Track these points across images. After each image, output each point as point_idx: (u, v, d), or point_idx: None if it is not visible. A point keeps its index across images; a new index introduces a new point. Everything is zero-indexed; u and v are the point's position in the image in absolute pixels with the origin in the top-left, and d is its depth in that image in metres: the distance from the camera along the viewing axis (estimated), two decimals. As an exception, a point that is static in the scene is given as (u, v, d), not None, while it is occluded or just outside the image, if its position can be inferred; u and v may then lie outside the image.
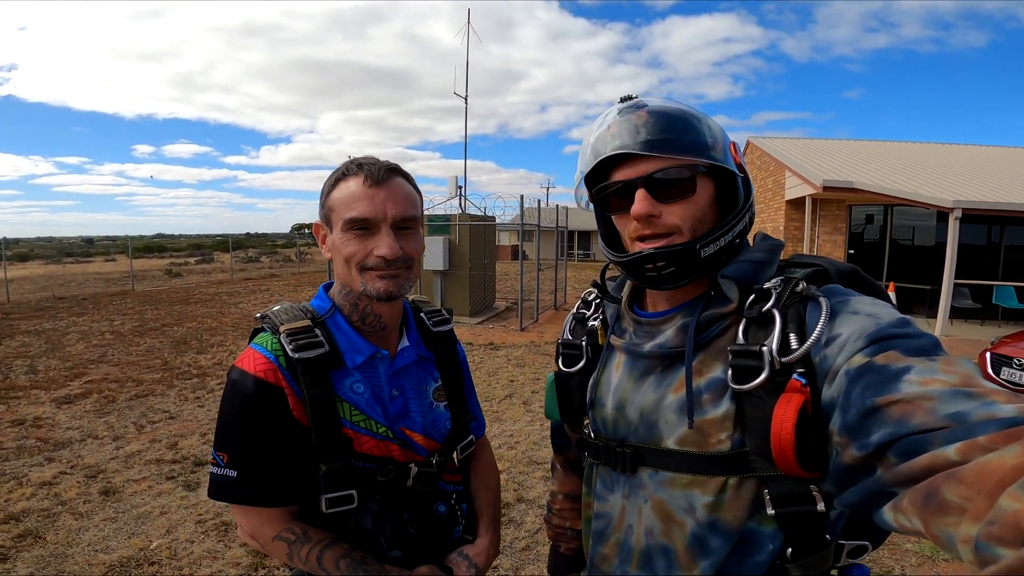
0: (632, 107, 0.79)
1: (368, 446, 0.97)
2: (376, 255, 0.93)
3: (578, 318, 1.02)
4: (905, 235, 13.05)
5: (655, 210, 0.77)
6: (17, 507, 3.43)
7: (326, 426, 0.93)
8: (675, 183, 0.77)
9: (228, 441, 0.92)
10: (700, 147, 0.76)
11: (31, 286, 17.65)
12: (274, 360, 0.93)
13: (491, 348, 8.39)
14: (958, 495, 0.44)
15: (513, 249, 31.19)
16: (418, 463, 1.01)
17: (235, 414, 0.92)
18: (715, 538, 0.74)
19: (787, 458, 0.65)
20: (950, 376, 0.55)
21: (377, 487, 0.96)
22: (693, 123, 0.77)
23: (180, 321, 10.82)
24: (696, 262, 0.77)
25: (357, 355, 0.98)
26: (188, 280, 20.41)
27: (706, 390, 0.76)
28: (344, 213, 0.94)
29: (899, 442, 0.53)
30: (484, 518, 1.14)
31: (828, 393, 0.65)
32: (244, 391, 0.92)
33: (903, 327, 0.64)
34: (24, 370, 6.94)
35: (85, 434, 4.75)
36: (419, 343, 1.10)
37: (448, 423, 1.09)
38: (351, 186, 0.95)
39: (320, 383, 0.93)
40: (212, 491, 0.94)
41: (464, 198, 12.15)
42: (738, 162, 0.80)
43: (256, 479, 0.91)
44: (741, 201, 0.81)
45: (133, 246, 21.24)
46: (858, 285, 0.80)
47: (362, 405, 0.97)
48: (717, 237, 0.77)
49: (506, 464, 4.13)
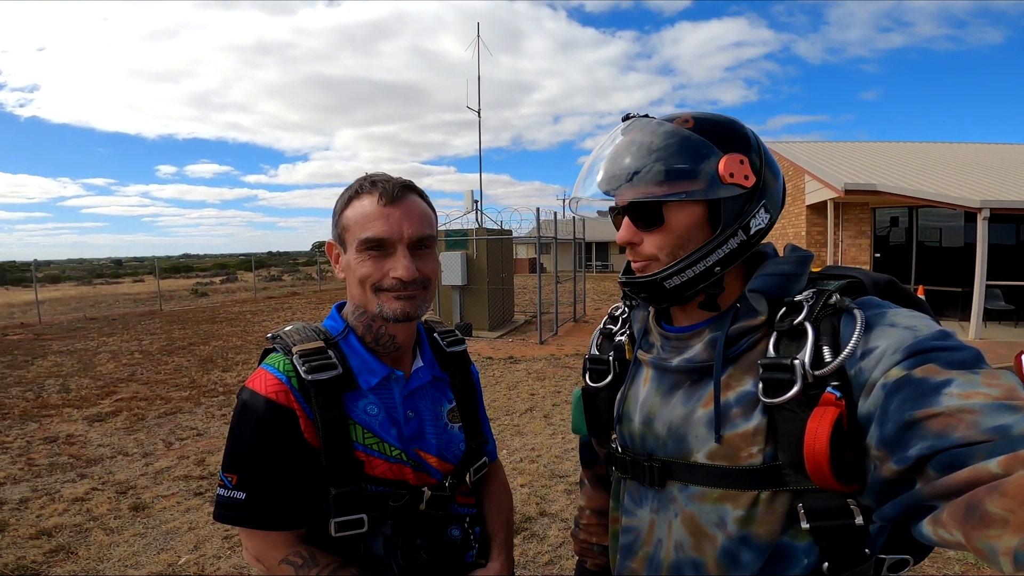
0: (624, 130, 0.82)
1: (381, 469, 0.94)
2: (392, 277, 0.91)
3: (605, 333, 1.02)
4: (932, 237, 12.75)
5: (635, 238, 0.80)
6: (50, 522, 3.51)
7: (337, 449, 0.91)
8: (645, 215, 0.78)
9: (237, 462, 0.90)
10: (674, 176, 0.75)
11: (63, 307, 18.19)
12: (286, 381, 0.91)
13: (511, 362, 8.38)
14: (1001, 507, 0.44)
15: (531, 262, 31.22)
16: (431, 486, 0.99)
17: (245, 435, 0.90)
18: (747, 552, 0.73)
19: (822, 471, 0.64)
20: (993, 389, 0.54)
21: (389, 512, 0.94)
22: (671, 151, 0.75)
23: (206, 340, 11.03)
24: (664, 293, 0.79)
25: (371, 376, 0.96)
26: (213, 299, 20.83)
27: (736, 404, 0.75)
28: (358, 233, 0.92)
29: (939, 455, 0.53)
30: (497, 541, 1.12)
31: (864, 406, 0.64)
32: (255, 412, 0.90)
33: (943, 340, 0.63)
34: (57, 389, 7.14)
35: (116, 451, 4.86)
36: (434, 364, 1.08)
37: (462, 445, 1.07)
38: (365, 205, 0.92)
39: (333, 405, 0.91)
40: (218, 513, 0.91)
41: (480, 212, 12.23)
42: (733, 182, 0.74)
43: (264, 502, 0.89)
44: (719, 228, 0.77)
45: (160, 267, 21.74)
46: (895, 297, 0.78)
47: (375, 427, 0.95)
48: (682, 269, 0.77)
49: (528, 478, 4.11)
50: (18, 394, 6.89)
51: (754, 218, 0.78)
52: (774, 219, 0.81)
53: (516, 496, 3.73)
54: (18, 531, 3.40)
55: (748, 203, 0.77)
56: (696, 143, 0.76)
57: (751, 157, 0.77)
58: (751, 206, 0.77)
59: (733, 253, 0.77)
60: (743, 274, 0.83)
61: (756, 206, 0.78)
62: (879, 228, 12.79)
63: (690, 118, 0.78)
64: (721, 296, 0.81)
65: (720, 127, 0.78)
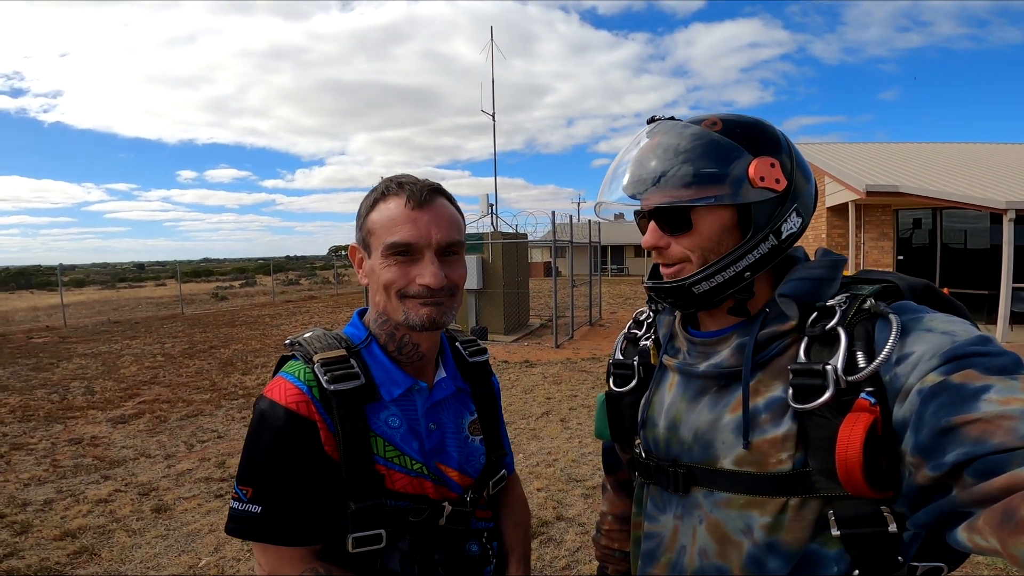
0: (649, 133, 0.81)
1: (401, 483, 0.91)
2: (419, 284, 0.88)
3: (629, 338, 1.00)
4: (957, 239, 12.49)
5: (662, 242, 0.79)
6: (74, 524, 3.58)
7: (358, 462, 0.87)
8: (672, 218, 0.77)
9: (254, 475, 0.86)
10: (702, 180, 0.74)
11: (87, 311, 18.58)
12: (307, 391, 0.87)
13: (526, 366, 8.37)
14: None
15: (546, 266, 31.18)
16: (452, 501, 0.95)
17: (263, 447, 0.86)
18: (774, 559, 0.72)
19: (855, 478, 0.62)
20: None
21: (408, 527, 0.90)
22: (699, 154, 0.75)
23: (226, 343, 11.19)
24: (692, 298, 0.77)
25: (394, 387, 0.93)
26: (233, 303, 21.12)
27: (765, 410, 0.73)
28: (385, 237, 0.88)
29: (977, 461, 0.52)
30: (515, 556, 1.10)
31: (899, 413, 0.62)
32: (274, 423, 0.86)
33: (982, 345, 0.62)
34: (81, 391, 7.29)
35: (139, 452, 4.95)
36: (456, 375, 1.05)
37: (483, 457, 1.04)
38: (391, 208, 0.89)
39: (355, 417, 0.88)
40: (232, 527, 0.87)
41: (496, 216, 12.26)
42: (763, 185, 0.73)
43: (281, 516, 0.85)
44: (752, 229, 0.75)
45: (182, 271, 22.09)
46: (933, 301, 0.76)
47: (396, 440, 0.91)
48: (711, 274, 0.76)
49: (545, 482, 4.09)
50: (43, 396, 7.04)
51: (786, 222, 0.76)
52: (806, 223, 0.79)
53: (532, 500, 3.71)
54: (42, 532, 3.47)
55: (779, 207, 0.76)
56: (725, 146, 0.74)
57: (782, 159, 0.75)
58: (782, 209, 0.76)
59: (764, 258, 0.76)
60: (772, 278, 0.81)
61: (788, 209, 0.76)
62: (902, 230, 12.57)
63: (718, 120, 0.77)
64: (750, 301, 0.80)
65: (749, 129, 0.76)
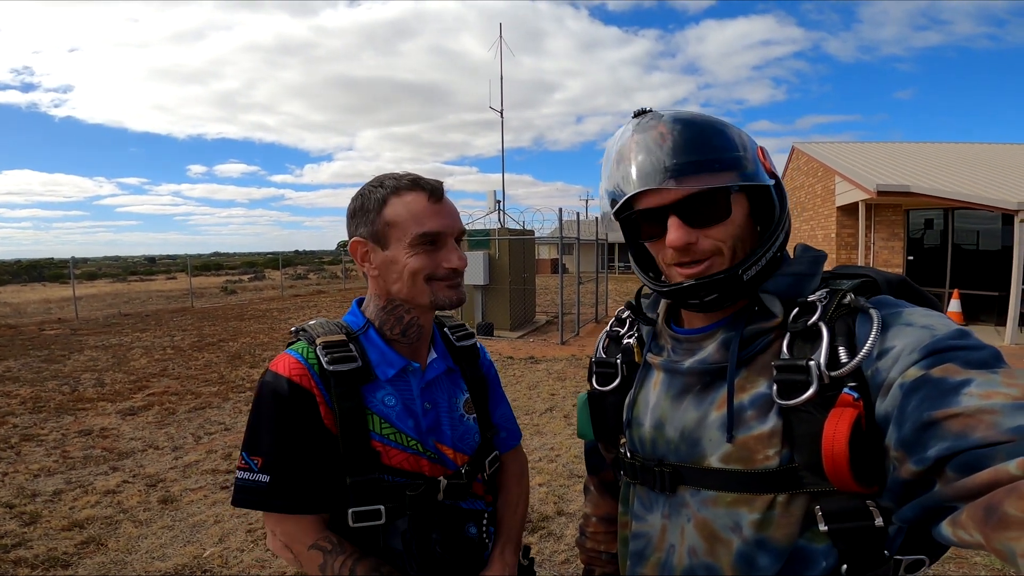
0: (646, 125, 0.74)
1: (398, 459, 0.96)
2: (446, 267, 0.97)
3: (612, 336, 1.00)
4: (969, 240, 12.34)
5: (691, 237, 0.72)
6: (82, 514, 3.63)
7: (355, 437, 0.93)
8: (708, 207, 0.72)
9: (261, 444, 0.91)
10: (730, 164, 0.71)
11: (99, 303, 18.78)
12: (308, 367, 0.95)
13: (531, 362, 8.38)
14: (1019, 510, 0.44)
15: (553, 263, 31.15)
16: (448, 476, 1.00)
17: (269, 416, 0.92)
18: (763, 556, 0.72)
19: (841, 473, 0.63)
20: (1012, 389, 0.54)
21: (407, 502, 0.95)
22: (719, 137, 0.72)
23: (235, 336, 11.28)
24: (740, 287, 0.75)
25: (389, 368, 0.99)
26: (242, 297, 21.28)
27: (750, 406, 0.74)
28: (413, 229, 0.95)
29: (958, 456, 0.52)
30: (501, 537, 1.13)
31: (882, 407, 0.63)
32: (279, 392, 0.92)
33: (961, 339, 0.62)
34: (92, 383, 7.38)
35: (147, 444, 5.01)
36: (447, 355, 1.11)
37: (477, 436, 1.09)
38: (415, 201, 0.96)
39: (351, 396, 0.94)
40: (240, 498, 0.91)
41: (503, 212, 12.25)
42: (769, 169, 0.75)
43: (291, 485, 0.91)
44: (777, 213, 0.76)
45: (192, 264, 22.27)
46: (909, 296, 0.77)
47: (392, 418, 0.97)
48: (759, 257, 0.74)
49: (547, 477, 4.11)
50: (55, 388, 7.14)
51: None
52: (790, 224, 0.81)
53: (534, 495, 3.74)
54: (51, 523, 3.52)
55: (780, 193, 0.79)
56: (738, 133, 0.75)
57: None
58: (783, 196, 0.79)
59: (785, 240, 0.79)
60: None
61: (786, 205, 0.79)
62: (913, 230, 12.44)
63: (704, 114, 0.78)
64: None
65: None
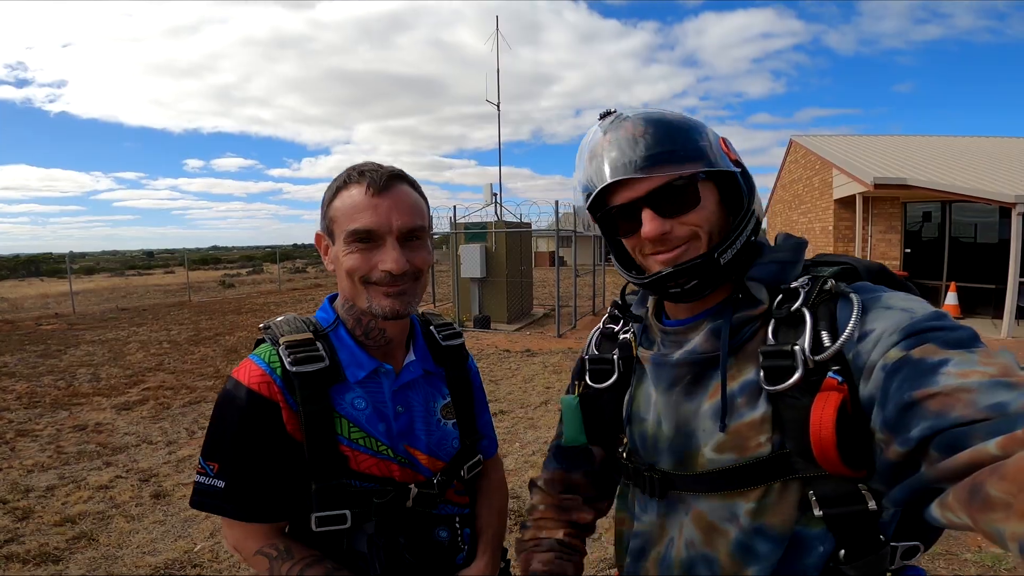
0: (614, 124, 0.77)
1: (367, 464, 0.93)
2: (381, 269, 0.89)
3: (605, 332, 0.99)
4: (966, 232, 12.32)
5: (666, 227, 0.74)
6: (74, 510, 3.63)
7: (321, 443, 0.90)
8: (679, 196, 0.74)
9: (218, 451, 0.90)
10: (694, 154, 0.74)
11: (96, 298, 18.78)
12: (270, 372, 0.91)
13: (528, 355, 8.38)
14: (1002, 491, 0.44)
15: (550, 255, 31.14)
16: (419, 483, 0.97)
17: (227, 425, 0.90)
18: (762, 543, 0.72)
19: (830, 457, 0.64)
20: (989, 367, 0.55)
21: (373, 508, 0.92)
22: (682, 131, 0.75)
23: (232, 330, 11.28)
24: (717, 270, 0.76)
25: (359, 370, 0.95)
26: (240, 290, 21.27)
27: (740, 394, 0.74)
28: (346, 224, 0.89)
29: (940, 436, 0.53)
30: (484, 538, 1.10)
31: (866, 390, 0.64)
32: (237, 402, 0.89)
33: (939, 320, 0.63)
34: (88, 378, 7.38)
35: (141, 439, 5.01)
36: (427, 358, 1.06)
37: (456, 442, 1.05)
38: (353, 195, 0.90)
39: (317, 399, 0.90)
40: (196, 500, 0.91)
41: (500, 205, 12.22)
42: (733, 158, 0.78)
43: (243, 493, 0.89)
44: (745, 198, 0.78)
45: (190, 258, 22.24)
46: (887, 282, 0.78)
47: (362, 422, 0.93)
48: (733, 240, 0.75)
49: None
50: (50, 383, 7.14)
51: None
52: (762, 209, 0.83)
53: (525, 489, 3.73)
54: (43, 518, 3.52)
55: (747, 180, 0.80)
56: (701, 125, 0.77)
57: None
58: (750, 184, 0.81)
59: (758, 224, 0.80)
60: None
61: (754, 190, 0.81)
62: (910, 223, 12.43)
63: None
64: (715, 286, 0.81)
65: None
